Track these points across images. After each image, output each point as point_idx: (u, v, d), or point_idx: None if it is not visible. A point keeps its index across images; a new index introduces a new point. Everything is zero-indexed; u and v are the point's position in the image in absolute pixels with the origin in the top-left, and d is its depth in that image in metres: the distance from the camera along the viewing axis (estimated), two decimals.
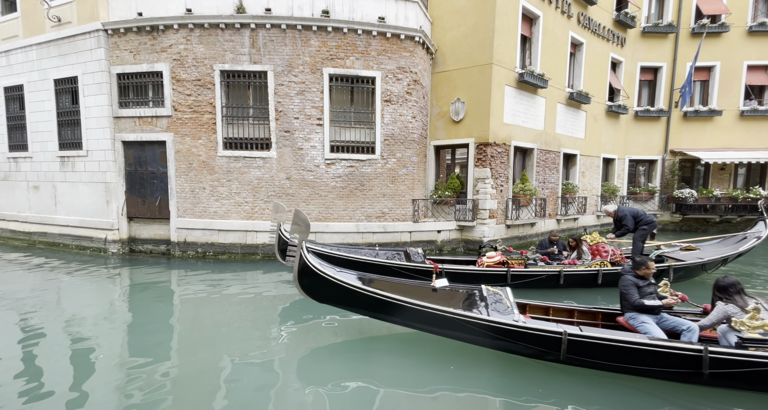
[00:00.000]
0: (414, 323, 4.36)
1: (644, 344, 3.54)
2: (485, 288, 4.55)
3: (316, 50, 9.63)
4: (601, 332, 3.83)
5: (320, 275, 4.27)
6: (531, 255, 7.55)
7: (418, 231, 10.50)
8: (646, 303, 4.09)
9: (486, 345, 4.19)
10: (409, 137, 10.49)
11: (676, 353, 3.47)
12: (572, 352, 3.75)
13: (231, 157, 9.83)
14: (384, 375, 4.08)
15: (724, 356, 3.35)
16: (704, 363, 3.37)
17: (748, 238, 8.05)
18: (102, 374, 4.16)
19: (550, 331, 3.77)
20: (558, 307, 4.91)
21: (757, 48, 15.61)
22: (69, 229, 10.89)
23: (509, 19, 10.90)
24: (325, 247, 7.17)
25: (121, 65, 9.94)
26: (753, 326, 3.41)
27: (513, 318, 3.95)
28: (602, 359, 3.71)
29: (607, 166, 16.30)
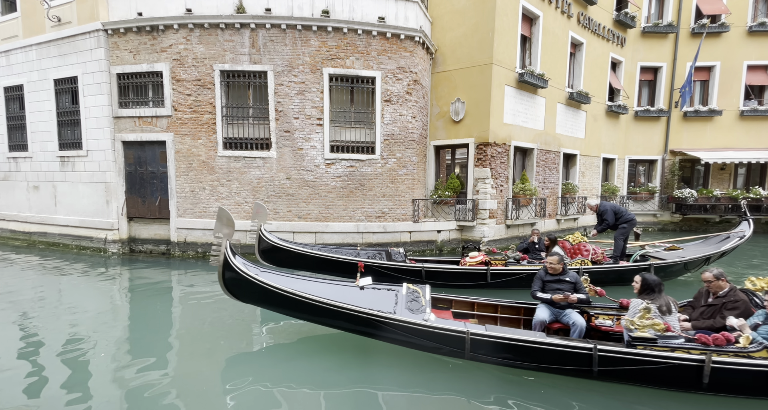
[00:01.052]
0: (334, 322, 4.44)
1: (540, 343, 3.71)
2: (406, 286, 4.62)
3: (316, 50, 9.63)
4: (503, 330, 3.94)
5: (242, 275, 4.30)
6: (511, 254, 7.56)
7: (418, 231, 10.50)
8: (538, 294, 4.42)
9: (400, 343, 4.28)
10: (409, 137, 10.49)
11: (568, 351, 3.65)
12: (475, 350, 3.90)
13: (231, 157, 9.83)
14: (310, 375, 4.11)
15: (611, 354, 3.54)
16: (594, 360, 3.55)
17: (731, 238, 8.05)
18: (101, 373, 4.16)
19: (455, 330, 3.89)
20: (483, 303, 5.08)
21: (757, 48, 15.61)
22: (69, 229, 10.89)
23: (509, 19, 10.90)
24: (305, 247, 7.11)
25: (121, 65, 9.94)
26: (643, 325, 3.54)
27: (423, 318, 4.03)
28: (504, 356, 3.89)
29: (607, 166, 16.30)
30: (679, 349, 3.44)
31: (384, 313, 4.09)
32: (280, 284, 4.29)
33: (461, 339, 3.86)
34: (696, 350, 3.42)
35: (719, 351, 3.38)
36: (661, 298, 3.85)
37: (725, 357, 3.36)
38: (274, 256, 6.93)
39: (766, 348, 3.35)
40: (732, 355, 3.37)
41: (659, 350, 3.48)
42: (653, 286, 3.89)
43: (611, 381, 3.69)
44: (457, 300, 5.14)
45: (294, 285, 4.36)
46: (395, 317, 4.05)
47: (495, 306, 5.08)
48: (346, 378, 4.04)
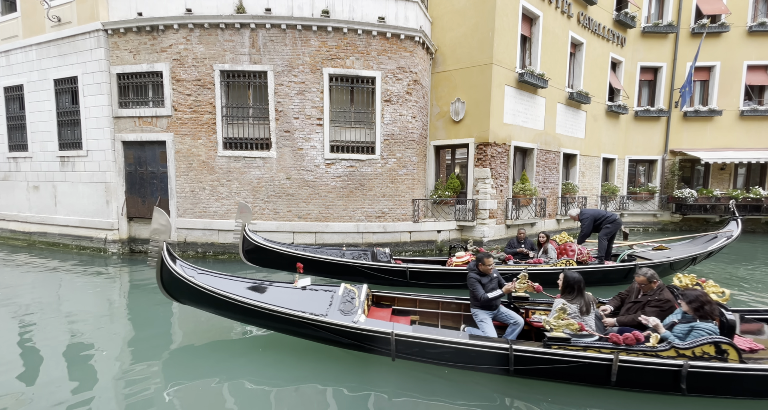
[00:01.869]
0: (269, 324, 4.46)
1: (461, 343, 3.81)
2: (343, 286, 4.67)
3: (316, 50, 9.63)
4: (428, 331, 4.02)
5: (178, 277, 4.32)
6: (496, 254, 7.55)
7: (418, 231, 10.50)
8: (490, 295, 4.43)
9: (334, 344, 4.33)
10: (409, 137, 10.49)
11: (487, 351, 3.77)
12: (402, 350, 4.00)
13: (231, 157, 9.83)
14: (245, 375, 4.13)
15: (526, 353, 3.67)
16: (510, 359, 3.68)
17: (719, 238, 8.04)
18: (101, 373, 4.16)
19: (381, 331, 3.96)
20: (425, 299, 5.15)
21: (757, 48, 15.61)
22: (69, 229, 10.89)
23: (509, 19, 10.90)
24: (289, 247, 7.07)
25: (121, 65, 9.94)
26: (558, 325, 3.66)
27: (353, 319, 4.08)
28: (429, 356, 4.00)
29: (607, 166, 16.30)
30: (591, 348, 3.56)
31: (314, 315, 4.13)
32: (214, 286, 4.31)
33: (387, 340, 3.93)
34: (606, 349, 3.54)
35: (629, 350, 3.50)
36: (582, 297, 3.94)
37: (634, 356, 3.48)
38: (258, 257, 6.89)
39: (674, 348, 3.43)
40: (640, 354, 3.49)
41: (572, 349, 3.59)
42: (574, 285, 3.95)
43: (527, 378, 3.83)
44: (400, 298, 5.20)
45: (230, 288, 4.38)
46: (325, 319, 4.09)
47: (437, 302, 5.15)
48: (282, 377, 4.07)
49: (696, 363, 3.38)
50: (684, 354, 3.42)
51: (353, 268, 6.94)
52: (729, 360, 3.38)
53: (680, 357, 3.42)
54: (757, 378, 3.38)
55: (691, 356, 3.41)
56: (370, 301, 5.00)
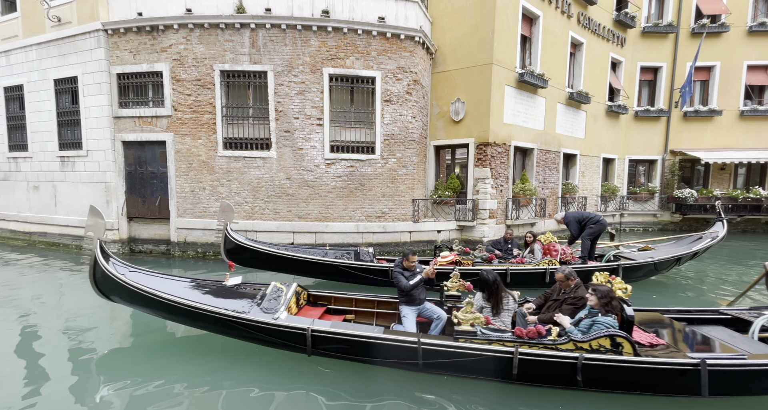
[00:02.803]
0: (196, 323, 4.47)
1: (373, 337, 3.85)
2: (273, 284, 4.70)
3: (316, 50, 9.63)
4: (345, 327, 4.03)
5: (109, 274, 4.36)
6: (478, 254, 7.55)
7: (418, 231, 10.50)
8: (411, 282, 4.50)
9: (259, 342, 4.36)
10: (409, 137, 10.49)
11: (397, 345, 3.79)
12: (319, 346, 4.04)
13: (231, 157, 9.83)
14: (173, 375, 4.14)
15: (434, 347, 3.70)
16: (419, 353, 3.70)
17: (704, 238, 8.04)
18: (102, 373, 4.16)
19: (297, 328, 3.99)
20: (361, 298, 5.20)
21: (757, 48, 15.61)
22: (69, 229, 10.89)
23: (509, 19, 10.90)
24: (272, 247, 7.04)
25: (121, 65, 9.94)
26: (466, 319, 3.72)
27: (273, 317, 4.10)
28: (345, 351, 4.05)
29: (607, 166, 16.30)
30: (496, 342, 3.63)
31: (236, 313, 4.15)
32: (143, 284, 4.33)
33: (303, 336, 3.97)
34: (510, 343, 3.60)
35: (531, 344, 3.56)
36: (498, 295, 4.06)
37: (535, 349, 3.53)
38: (240, 256, 6.86)
39: (572, 341, 3.49)
40: (541, 347, 3.54)
41: (478, 342, 3.64)
42: (489, 283, 4.07)
43: (436, 373, 3.88)
44: (338, 297, 5.23)
45: (160, 286, 4.40)
46: (246, 316, 4.11)
47: (374, 301, 5.17)
48: (203, 376, 4.09)
49: (591, 355, 3.42)
50: (582, 347, 3.47)
51: (335, 268, 6.91)
52: (624, 353, 3.43)
53: (578, 350, 3.47)
54: (647, 371, 3.42)
55: (588, 349, 3.46)
56: (304, 300, 5.04)
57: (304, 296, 5.04)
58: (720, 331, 4.20)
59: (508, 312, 4.07)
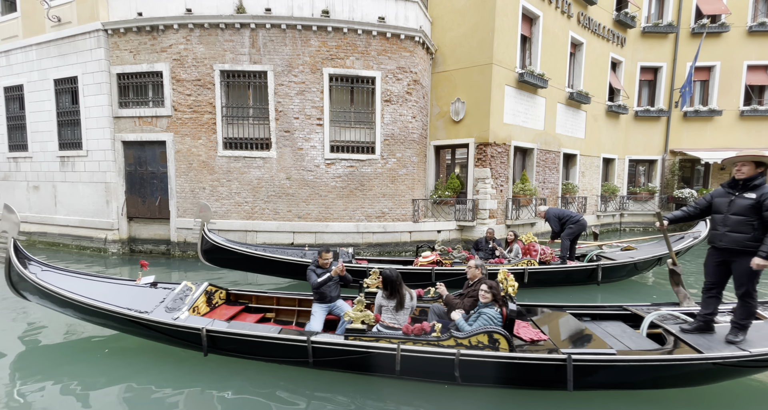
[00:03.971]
0: (104, 322, 4.48)
1: (265, 337, 3.88)
2: (183, 284, 4.72)
3: (316, 50, 9.63)
4: (240, 327, 4.04)
5: (21, 273, 4.40)
6: (456, 254, 7.51)
7: (418, 231, 10.50)
8: (319, 279, 4.51)
9: (159, 341, 4.38)
10: (409, 137, 10.49)
11: (288, 344, 3.84)
12: (216, 346, 4.07)
13: (231, 157, 9.83)
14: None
15: (323, 345, 3.76)
16: (308, 352, 3.76)
17: (686, 238, 7.98)
18: (103, 373, 4.16)
19: (192, 327, 4.01)
20: (284, 297, 5.22)
21: (757, 48, 15.60)
22: (69, 229, 10.89)
23: (509, 19, 10.90)
24: (249, 248, 6.99)
25: (121, 65, 9.94)
26: (356, 317, 3.76)
27: (172, 316, 4.13)
28: (240, 351, 4.07)
29: (607, 166, 16.30)
30: (383, 339, 3.68)
31: (138, 312, 4.16)
32: (52, 283, 4.34)
33: (198, 336, 3.99)
34: (396, 339, 3.66)
35: (415, 340, 3.62)
36: (398, 294, 4.10)
37: (419, 345, 3.59)
38: (217, 257, 6.81)
39: (453, 338, 3.55)
40: (425, 344, 3.59)
41: (366, 340, 3.69)
42: (392, 280, 4.11)
43: (328, 370, 3.93)
44: (259, 296, 5.22)
45: (69, 285, 4.40)
46: (145, 316, 4.12)
47: (295, 300, 5.19)
48: (105, 375, 4.10)
49: (467, 351, 3.49)
50: (462, 344, 3.54)
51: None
52: (500, 349, 3.50)
53: (459, 346, 3.53)
54: (519, 366, 3.49)
55: (468, 345, 3.53)
56: (222, 299, 5.05)
57: (222, 295, 5.06)
58: (615, 327, 4.28)
59: (406, 310, 4.12)
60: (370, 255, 9.68)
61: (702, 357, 3.37)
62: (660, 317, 4.14)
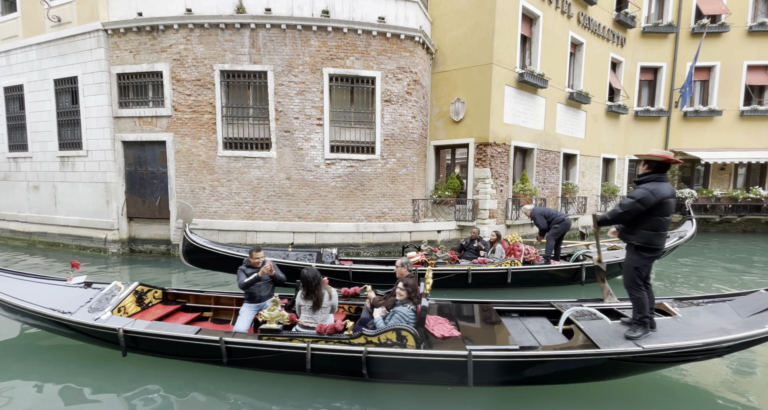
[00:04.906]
0: (33, 322, 4.51)
1: (181, 337, 3.92)
2: (113, 284, 4.76)
3: (316, 50, 9.63)
4: (159, 327, 4.06)
5: None
6: (440, 254, 7.48)
7: (418, 231, 10.50)
8: (245, 280, 4.48)
9: (83, 340, 4.40)
10: (409, 137, 10.49)
11: (203, 344, 3.88)
12: (135, 346, 4.10)
13: (231, 157, 9.82)
14: None
15: (235, 345, 3.80)
16: (222, 351, 3.80)
17: (671, 237, 7.96)
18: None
19: (109, 328, 4.03)
20: (224, 296, 5.24)
21: (757, 48, 15.61)
22: (69, 229, 10.88)
23: (509, 19, 10.90)
24: (231, 249, 6.96)
25: (121, 65, 9.94)
26: (271, 317, 3.80)
27: (94, 316, 4.15)
28: (159, 350, 4.11)
29: (607, 166, 16.30)
30: (296, 338, 3.73)
31: (59, 313, 4.17)
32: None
33: (114, 335, 4.01)
34: (309, 338, 3.70)
35: (327, 339, 3.68)
36: (315, 293, 4.11)
37: (331, 344, 3.64)
38: (198, 258, 6.77)
39: (363, 335, 3.60)
40: (336, 342, 3.65)
41: (280, 339, 3.74)
42: (309, 280, 4.11)
43: (244, 369, 3.98)
44: (198, 295, 5.22)
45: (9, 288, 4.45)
46: (66, 317, 4.13)
47: (233, 299, 5.21)
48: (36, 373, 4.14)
49: (375, 349, 3.55)
50: (372, 341, 3.59)
51: (294, 270, 6.70)
52: (407, 346, 3.54)
53: (369, 344, 3.59)
54: (423, 362, 3.53)
55: (377, 343, 3.59)
56: (157, 299, 5.07)
57: (157, 295, 5.09)
58: (537, 323, 4.34)
59: (325, 309, 4.14)
60: (369, 255, 9.70)
61: (595, 352, 3.41)
62: (577, 313, 4.17)
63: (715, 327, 3.58)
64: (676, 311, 4.04)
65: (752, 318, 3.63)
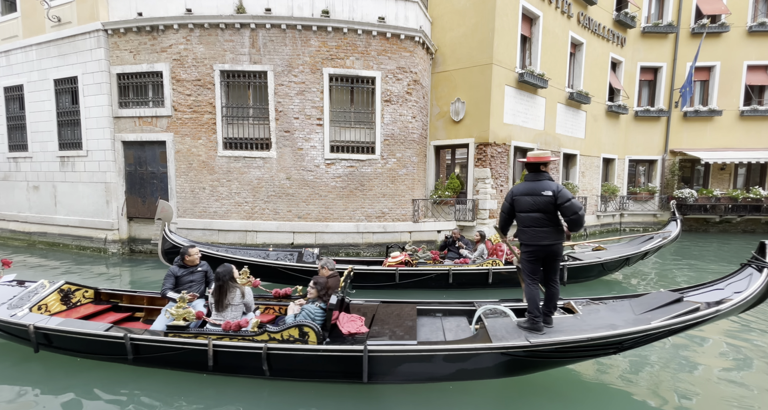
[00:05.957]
0: None
1: (84, 333, 3.92)
2: (40, 282, 4.82)
3: (316, 50, 9.63)
4: (71, 324, 4.08)
5: None
6: (421, 254, 7.46)
7: (418, 231, 10.50)
8: (168, 294, 4.43)
9: (4, 338, 4.44)
10: (409, 137, 10.49)
11: (108, 341, 3.88)
12: (45, 342, 4.12)
13: (231, 157, 9.82)
14: None
15: (141, 342, 3.81)
16: (127, 349, 3.81)
17: (655, 238, 8.00)
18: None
19: (20, 324, 4.07)
20: (153, 296, 5.23)
21: (757, 48, 15.60)
22: (69, 229, 10.88)
23: (509, 19, 10.90)
24: (210, 248, 6.93)
25: (121, 65, 9.94)
26: (178, 314, 3.81)
27: (11, 313, 4.21)
28: (70, 348, 4.11)
29: (607, 166, 16.29)
30: (201, 335, 3.73)
31: None
32: None
33: (26, 332, 4.04)
34: (214, 335, 3.71)
35: (232, 336, 3.68)
36: (226, 288, 4.12)
37: (235, 341, 3.65)
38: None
39: (267, 332, 3.62)
40: (239, 339, 3.66)
41: (185, 337, 3.75)
42: (221, 277, 4.14)
43: (148, 366, 3.97)
44: (132, 295, 5.23)
45: None
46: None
47: (166, 299, 5.19)
48: None
49: (275, 345, 3.56)
50: (275, 338, 3.61)
51: (274, 270, 6.76)
52: (309, 342, 3.57)
53: (272, 340, 3.60)
54: (321, 358, 3.57)
55: (280, 339, 3.61)
56: (87, 298, 5.09)
57: (88, 294, 5.12)
58: (455, 321, 4.39)
59: (235, 306, 4.12)
60: (369, 255, 9.69)
61: (484, 346, 3.45)
62: (488, 311, 4.21)
63: (605, 324, 3.63)
64: (579, 309, 4.11)
65: (644, 315, 3.68)
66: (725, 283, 3.87)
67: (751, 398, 3.81)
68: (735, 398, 3.81)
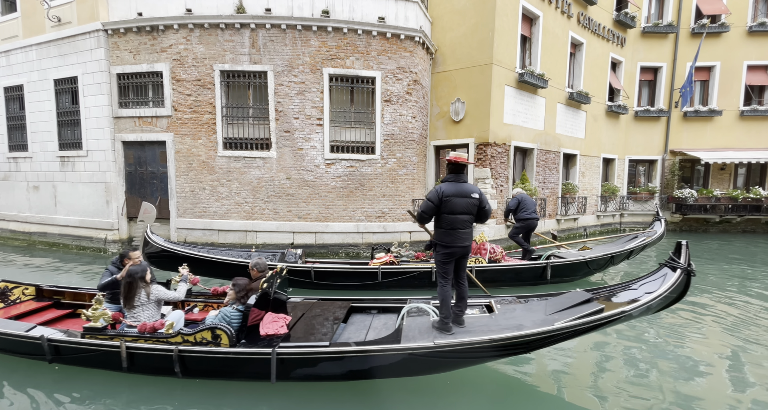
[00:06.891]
0: None
1: (7, 334, 3.96)
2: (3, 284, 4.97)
3: (316, 50, 9.63)
4: (6, 324, 4.13)
5: None
6: (404, 252, 7.43)
7: (418, 231, 10.49)
8: (103, 281, 4.46)
9: None
10: (409, 137, 10.49)
11: (25, 341, 3.93)
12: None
13: (231, 157, 9.83)
14: None
15: (61, 344, 3.85)
16: (45, 350, 3.84)
17: (639, 237, 8.00)
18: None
19: None
20: (91, 293, 5.20)
21: (757, 48, 15.60)
22: (69, 229, 10.88)
23: (509, 19, 10.90)
24: (192, 249, 6.92)
25: (121, 65, 9.94)
26: (96, 316, 3.82)
27: None
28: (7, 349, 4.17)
29: (607, 166, 16.29)
30: (116, 337, 3.76)
31: None
32: None
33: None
34: (129, 337, 3.74)
35: (147, 338, 3.72)
36: (148, 287, 4.15)
37: (149, 343, 3.69)
38: (161, 259, 6.73)
39: (180, 335, 3.65)
40: (154, 341, 3.69)
41: (101, 338, 3.78)
42: (131, 274, 4.11)
43: (72, 365, 4.01)
44: (76, 293, 5.23)
45: None
46: None
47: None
48: None
49: (187, 347, 3.61)
50: (188, 340, 3.65)
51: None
52: (221, 345, 3.61)
53: (185, 343, 3.64)
54: (232, 360, 3.60)
55: (193, 341, 3.64)
56: (27, 296, 5.11)
57: (29, 291, 5.15)
58: (384, 320, 4.42)
59: (143, 306, 4.12)
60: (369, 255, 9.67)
61: (389, 347, 3.46)
62: (413, 310, 4.23)
63: (514, 325, 3.63)
64: (497, 308, 4.12)
65: (552, 315, 3.67)
66: (639, 283, 3.86)
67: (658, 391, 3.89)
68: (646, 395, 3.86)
